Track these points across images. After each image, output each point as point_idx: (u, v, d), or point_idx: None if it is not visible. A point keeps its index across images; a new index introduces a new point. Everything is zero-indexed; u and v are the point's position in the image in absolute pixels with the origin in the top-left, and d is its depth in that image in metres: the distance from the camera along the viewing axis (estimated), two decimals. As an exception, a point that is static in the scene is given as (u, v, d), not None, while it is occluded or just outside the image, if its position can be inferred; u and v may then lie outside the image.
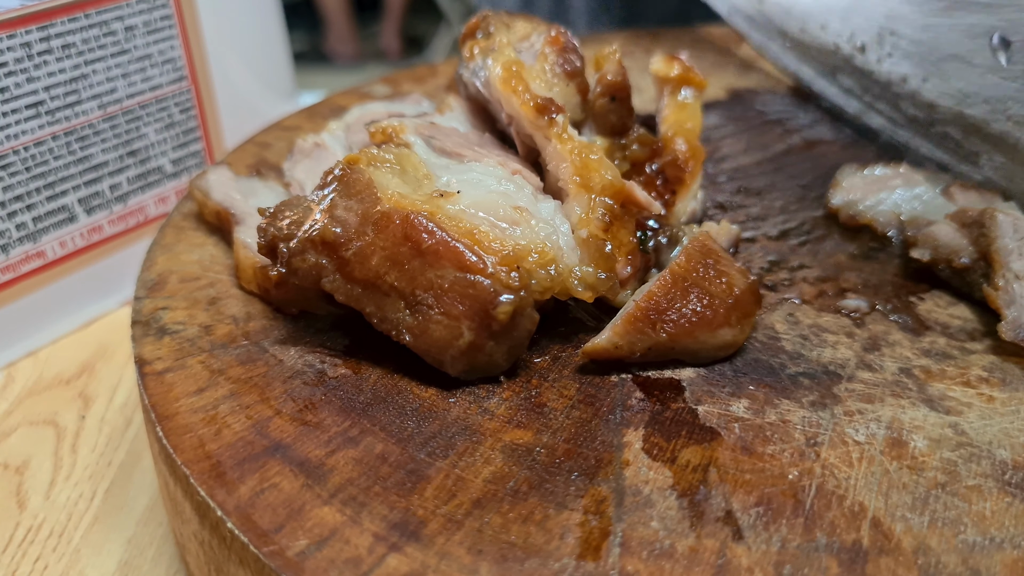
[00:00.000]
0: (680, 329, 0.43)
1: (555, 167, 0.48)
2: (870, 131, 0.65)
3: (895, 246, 0.53)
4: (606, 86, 0.52)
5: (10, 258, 0.59)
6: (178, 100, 0.67)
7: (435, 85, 0.74)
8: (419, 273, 0.41)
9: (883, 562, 0.33)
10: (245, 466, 0.38)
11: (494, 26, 0.54)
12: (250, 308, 0.48)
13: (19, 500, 0.51)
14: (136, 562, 0.47)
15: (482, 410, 0.41)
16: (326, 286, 0.42)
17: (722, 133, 0.67)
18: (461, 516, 0.35)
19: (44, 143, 0.59)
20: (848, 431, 0.40)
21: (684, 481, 0.37)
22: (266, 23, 0.76)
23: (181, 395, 0.42)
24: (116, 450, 0.54)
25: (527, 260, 0.42)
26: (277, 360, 0.44)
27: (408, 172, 0.45)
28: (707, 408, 0.41)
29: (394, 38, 3.37)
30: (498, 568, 0.33)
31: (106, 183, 0.63)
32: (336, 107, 0.70)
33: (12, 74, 0.57)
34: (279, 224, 0.44)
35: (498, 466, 0.38)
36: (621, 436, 0.40)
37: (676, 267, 0.44)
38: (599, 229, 0.45)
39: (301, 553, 0.34)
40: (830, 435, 0.39)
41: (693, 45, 0.82)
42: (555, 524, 0.35)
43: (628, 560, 0.34)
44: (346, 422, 0.40)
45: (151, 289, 0.50)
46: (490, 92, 0.51)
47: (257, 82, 0.74)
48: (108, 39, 0.61)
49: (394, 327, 0.42)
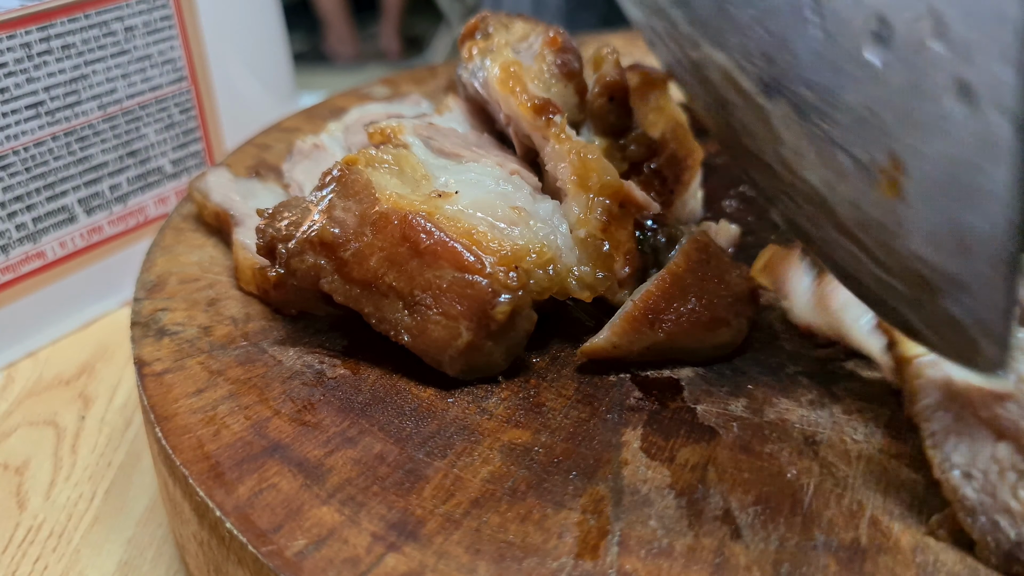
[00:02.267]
0: (679, 328, 0.43)
1: (553, 167, 0.48)
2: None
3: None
4: (604, 86, 0.52)
5: (10, 258, 0.59)
6: (178, 101, 0.67)
7: (435, 86, 0.74)
8: (417, 273, 0.41)
9: (881, 560, 0.33)
10: (244, 466, 0.38)
11: (493, 27, 0.54)
12: (249, 309, 0.48)
13: (19, 500, 0.51)
14: (136, 562, 0.47)
15: (480, 410, 0.41)
16: (325, 287, 0.43)
17: (721, 133, 0.67)
18: (459, 516, 0.36)
19: (44, 143, 0.59)
20: (847, 430, 0.40)
21: (682, 480, 0.37)
22: (266, 23, 0.76)
23: (180, 396, 0.42)
24: (116, 451, 0.55)
25: (525, 260, 0.42)
26: (276, 361, 0.44)
27: (406, 173, 0.45)
28: (705, 407, 0.41)
29: (393, 39, 3.37)
30: (496, 567, 0.33)
31: (106, 183, 0.63)
32: (336, 108, 0.70)
33: (12, 74, 0.57)
34: (278, 225, 0.44)
35: (496, 466, 0.38)
36: (619, 435, 0.40)
37: (675, 267, 0.44)
38: (597, 229, 0.45)
39: (300, 553, 0.34)
40: (828, 434, 0.40)
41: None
42: (553, 523, 0.35)
43: (626, 559, 0.34)
44: (345, 422, 0.40)
45: (151, 290, 0.50)
46: (488, 93, 0.51)
47: (257, 83, 0.74)
48: (108, 39, 0.61)
49: (392, 327, 0.42)
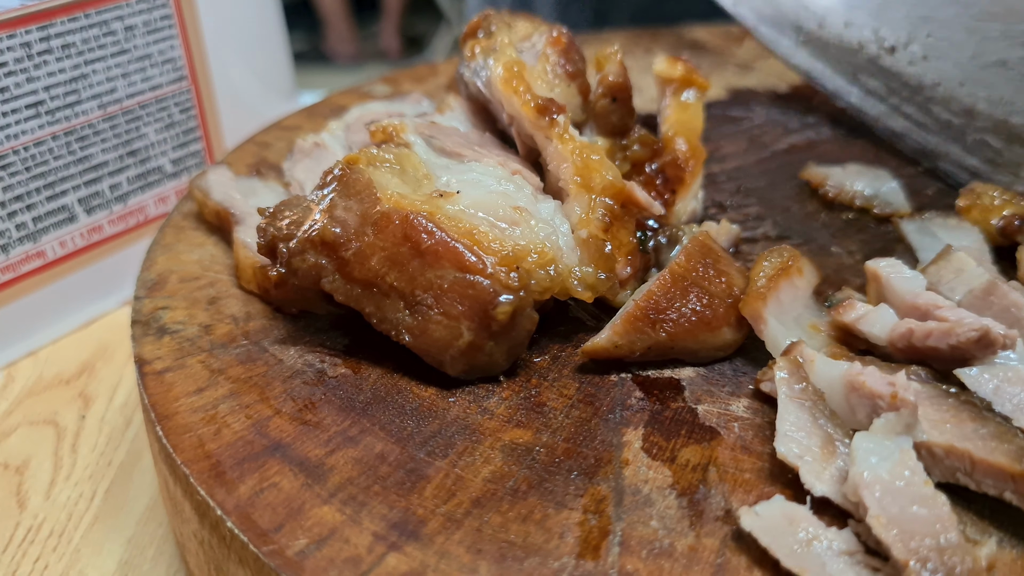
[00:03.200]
0: (680, 328, 0.43)
1: (556, 167, 0.48)
2: (894, 134, 0.63)
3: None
4: (607, 87, 0.52)
5: (10, 258, 0.59)
6: (178, 100, 0.67)
7: (435, 85, 0.74)
8: (419, 273, 0.41)
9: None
10: (245, 465, 0.38)
11: (495, 26, 0.54)
12: (250, 308, 0.48)
13: (19, 500, 0.51)
14: (136, 562, 0.47)
15: (482, 410, 0.41)
16: (326, 286, 0.43)
17: (722, 133, 0.67)
18: (460, 515, 0.35)
19: (44, 143, 0.59)
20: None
21: (683, 480, 0.37)
22: (266, 23, 0.76)
23: (181, 395, 0.42)
24: (116, 450, 0.54)
25: (527, 260, 0.42)
26: (277, 360, 0.44)
27: (408, 172, 0.45)
28: (707, 407, 0.41)
29: (394, 38, 3.37)
30: (497, 567, 0.33)
31: (106, 183, 0.63)
32: (336, 107, 0.70)
33: (12, 74, 0.57)
34: (279, 224, 0.44)
35: (497, 465, 0.38)
36: (621, 435, 0.40)
37: (676, 267, 0.44)
38: (599, 229, 0.45)
39: (301, 552, 0.34)
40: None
41: (693, 45, 0.82)
42: (554, 523, 0.35)
43: (627, 559, 0.34)
44: (346, 421, 0.40)
45: (151, 289, 0.50)
46: (491, 92, 0.51)
47: (257, 82, 0.74)
48: (108, 39, 0.61)
49: (394, 327, 0.42)
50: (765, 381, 0.41)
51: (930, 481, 0.33)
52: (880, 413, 0.36)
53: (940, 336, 0.39)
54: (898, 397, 0.35)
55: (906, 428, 0.35)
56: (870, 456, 0.34)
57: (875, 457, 0.34)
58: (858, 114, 0.66)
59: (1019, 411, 0.36)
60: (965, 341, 0.38)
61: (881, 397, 0.36)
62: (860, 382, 0.37)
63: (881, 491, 0.33)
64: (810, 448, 0.36)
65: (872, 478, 0.33)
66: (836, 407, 0.38)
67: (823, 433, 0.37)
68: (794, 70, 0.70)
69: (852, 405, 0.37)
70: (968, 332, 0.38)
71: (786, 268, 0.45)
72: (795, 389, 0.38)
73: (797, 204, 0.58)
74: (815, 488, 0.35)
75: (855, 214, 0.56)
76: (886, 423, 0.35)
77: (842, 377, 0.38)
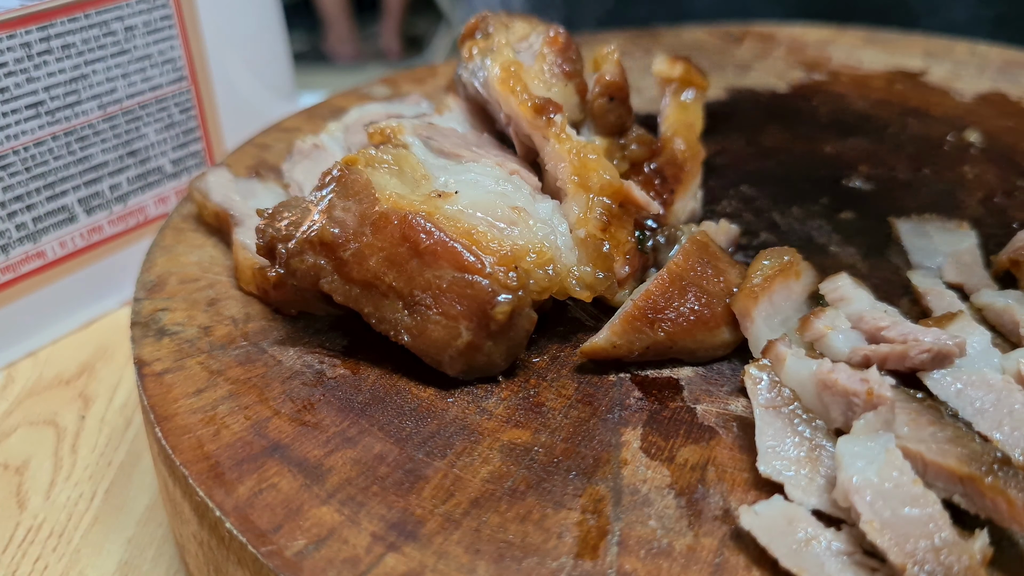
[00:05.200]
0: (678, 328, 0.43)
1: (553, 167, 0.48)
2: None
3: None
4: (605, 86, 0.52)
5: (10, 258, 0.59)
6: (178, 100, 0.67)
7: (435, 86, 0.74)
8: (417, 273, 0.41)
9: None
10: (244, 466, 0.38)
11: (493, 26, 0.54)
12: (249, 309, 0.48)
13: (19, 500, 0.51)
14: (136, 562, 0.47)
15: (480, 410, 0.41)
16: (324, 287, 0.43)
17: (722, 132, 0.67)
18: (459, 515, 0.36)
19: (44, 143, 0.59)
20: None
21: (682, 480, 0.37)
22: (266, 23, 0.76)
23: (180, 396, 0.42)
24: (116, 450, 0.55)
25: (525, 260, 0.42)
26: (276, 361, 0.44)
27: (406, 173, 0.45)
28: (705, 407, 0.41)
29: (394, 38, 3.37)
30: (496, 567, 0.33)
31: (106, 183, 0.63)
32: (336, 108, 0.70)
33: (12, 74, 0.57)
34: (277, 225, 0.44)
35: (496, 466, 0.38)
36: (619, 435, 0.40)
37: (674, 266, 0.44)
38: (597, 229, 0.45)
39: (299, 553, 0.34)
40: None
41: (693, 45, 0.82)
42: (553, 523, 0.35)
43: (626, 559, 0.34)
44: (344, 422, 0.40)
45: (151, 290, 0.50)
46: (489, 92, 0.51)
47: (257, 82, 0.74)
48: (108, 39, 0.61)
49: (392, 327, 0.42)
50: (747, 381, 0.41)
51: (919, 479, 0.33)
52: (855, 410, 0.36)
53: (896, 360, 0.39)
54: (874, 393, 0.36)
55: (885, 424, 0.35)
56: (856, 460, 0.34)
57: (861, 461, 0.34)
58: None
59: (979, 415, 0.36)
60: (919, 363, 0.38)
61: (855, 394, 0.36)
62: (832, 380, 0.37)
63: (872, 495, 0.33)
64: (794, 460, 0.36)
65: (862, 482, 0.33)
66: (810, 406, 0.38)
67: (804, 441, 0.37)
68: None
69: (826, 403, 0.37)
70: (920, 355, 0.38)
71: (784, 269, 0.45)
72: (769, 397, 0.39)
73: (797, 204, 0.58)
74: (805, 503, 0.35)
75: (855, 214, 0.56)
76: (866, 424, 0.35)
77: (813, 376, 0.38)
